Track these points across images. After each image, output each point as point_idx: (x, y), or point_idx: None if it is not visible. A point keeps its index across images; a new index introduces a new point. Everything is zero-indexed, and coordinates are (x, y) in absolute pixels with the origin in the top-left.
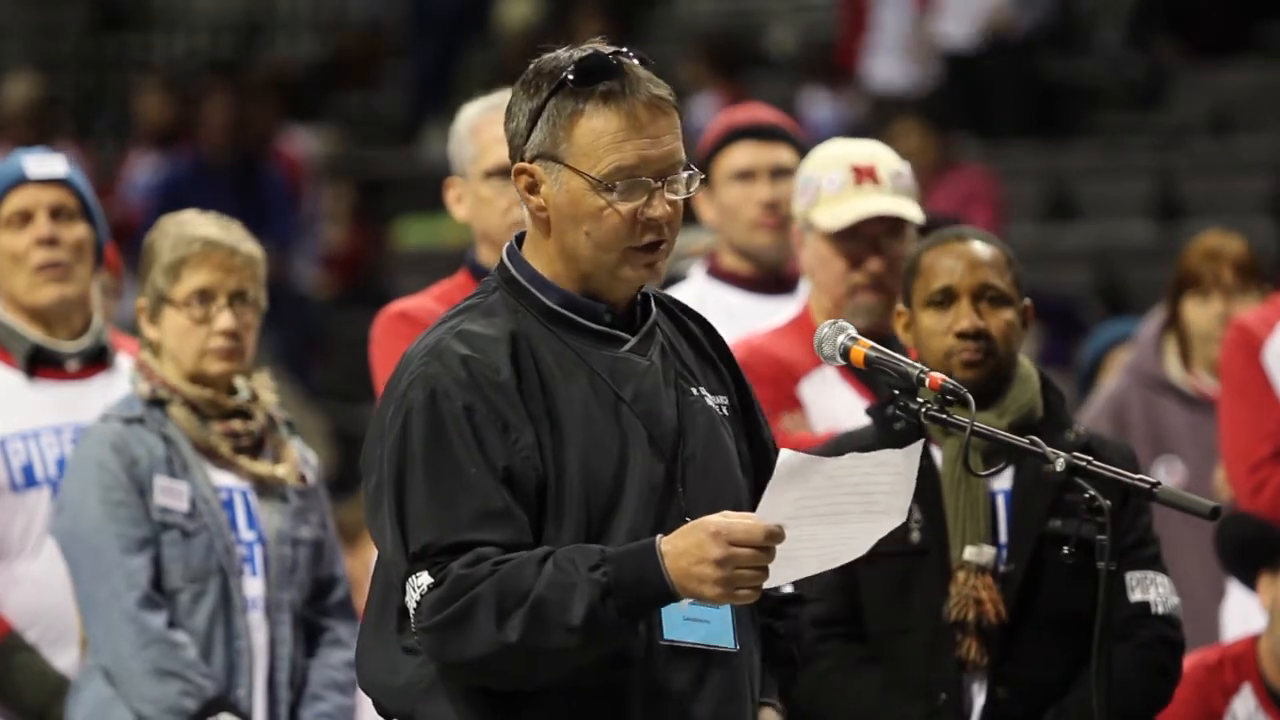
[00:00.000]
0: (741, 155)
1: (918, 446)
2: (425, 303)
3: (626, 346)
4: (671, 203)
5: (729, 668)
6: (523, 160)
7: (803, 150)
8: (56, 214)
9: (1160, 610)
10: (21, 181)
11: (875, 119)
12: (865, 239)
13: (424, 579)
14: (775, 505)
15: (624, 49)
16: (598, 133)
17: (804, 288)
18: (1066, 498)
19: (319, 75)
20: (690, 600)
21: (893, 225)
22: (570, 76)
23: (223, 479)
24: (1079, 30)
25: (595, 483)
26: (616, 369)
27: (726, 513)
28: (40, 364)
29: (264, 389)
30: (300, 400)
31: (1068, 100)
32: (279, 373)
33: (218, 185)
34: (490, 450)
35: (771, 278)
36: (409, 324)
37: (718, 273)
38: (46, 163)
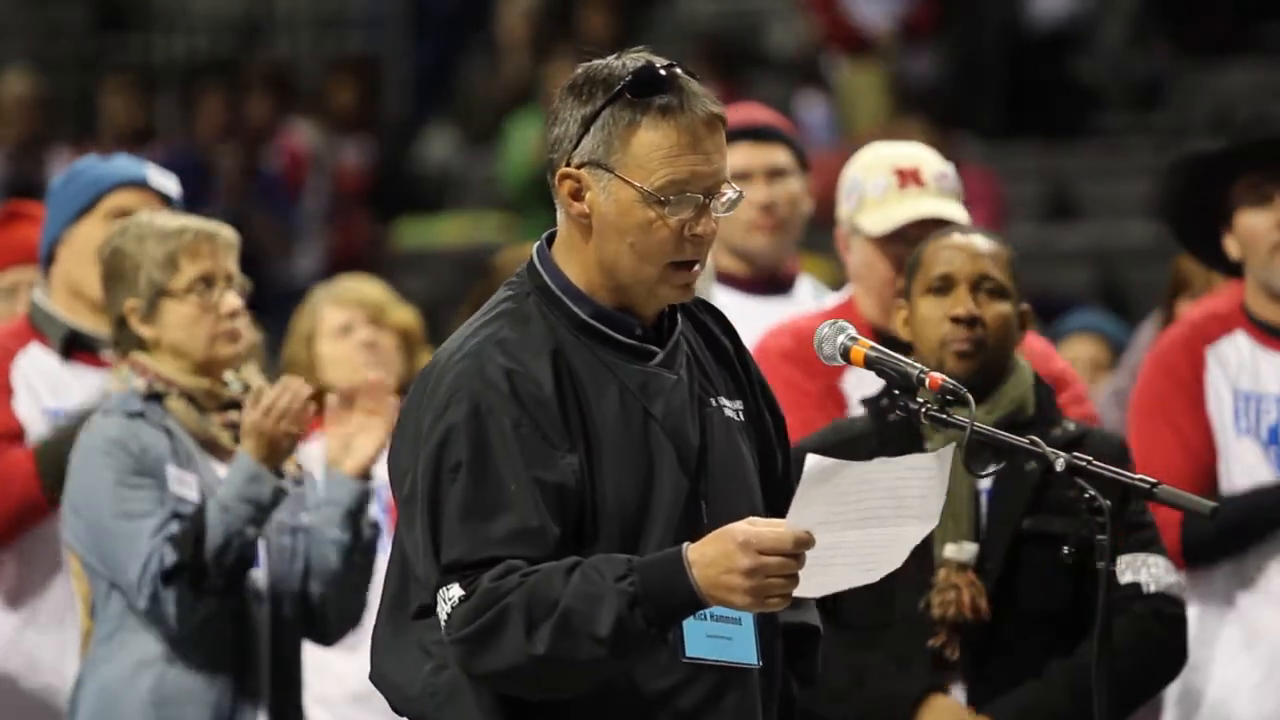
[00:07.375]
0: (737, 156)
1: (949, 450)
2: None
3: (655, 360)
4: (715, 220)
5: (748, 685)
6: (568, 165)
7: (799, 151)
8: None
9: (1152, 589)
10: (138, 184)
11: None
12: (911, 242)
13: (455, 591)
14: (804, 511)
15: (673, 63)
16: (654, 145)
17: (800, 289)
18: (1046, 495)
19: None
20: (715, 618)
21: (938, 227)
22: (627, 87)
23: (222, 470)
24: (1080, 31)
25: (625, 503)
26: (647, 384)
27: (754, 519)
28: (75, 348)
29: (254, 379)
30: None
31: (1068, 100)
32: (275, 371)
33: (218, 184)
34: (535, 467)
35: (768, 279)
36: None
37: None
38: (165, 176)
